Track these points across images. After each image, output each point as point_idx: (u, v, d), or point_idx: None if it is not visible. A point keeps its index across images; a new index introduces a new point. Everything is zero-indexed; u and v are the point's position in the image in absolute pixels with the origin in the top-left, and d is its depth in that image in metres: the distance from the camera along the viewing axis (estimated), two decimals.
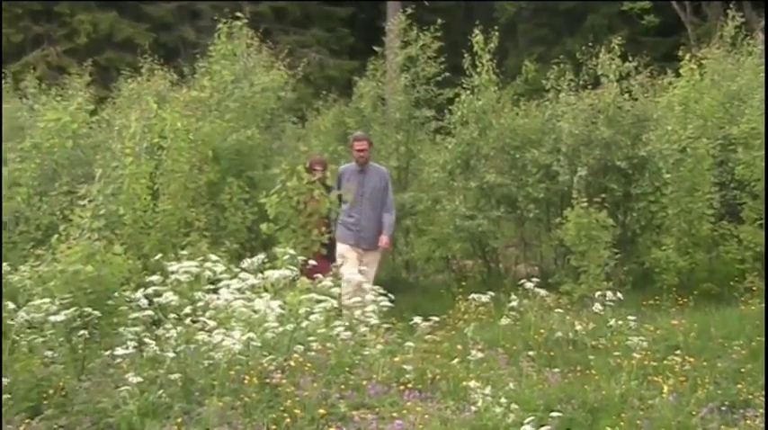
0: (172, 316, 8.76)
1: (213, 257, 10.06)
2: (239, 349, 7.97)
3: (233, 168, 15.58)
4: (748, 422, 7.22)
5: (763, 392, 8.96)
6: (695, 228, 15.06)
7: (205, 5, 35.35)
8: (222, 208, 14.77)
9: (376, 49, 18.99)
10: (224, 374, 7.64)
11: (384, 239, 13.22)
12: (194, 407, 7.25)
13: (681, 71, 17.11)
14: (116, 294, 9.06)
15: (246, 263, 9.77)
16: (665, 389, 7.88)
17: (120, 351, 8.16)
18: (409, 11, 18.36)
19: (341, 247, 13.19)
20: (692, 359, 9.78)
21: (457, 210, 16.00)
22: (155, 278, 9.27)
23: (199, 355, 7.97)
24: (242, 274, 9.38)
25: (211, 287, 9.37)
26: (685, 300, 13.94)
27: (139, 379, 7.45)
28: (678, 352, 9.97)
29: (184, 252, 11.42)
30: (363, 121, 18.01)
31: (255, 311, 8.61)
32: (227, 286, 9.09)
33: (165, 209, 13.39)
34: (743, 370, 9.85)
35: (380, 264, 13.95)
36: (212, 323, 8.47)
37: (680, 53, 17.95)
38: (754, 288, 13.85)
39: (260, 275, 9.42)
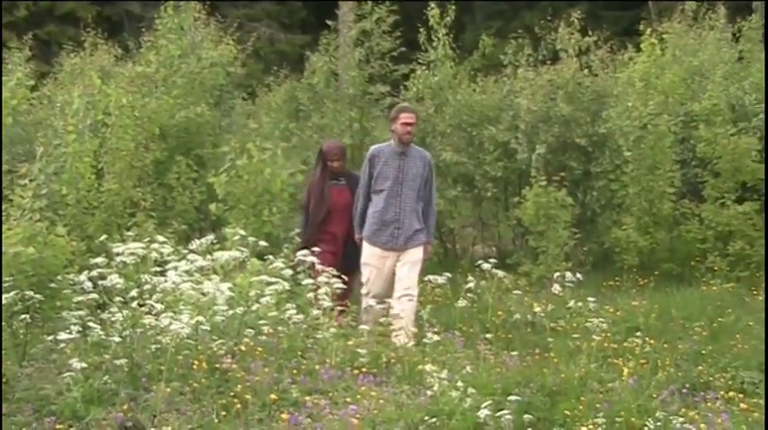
0: (117, 299, 8.68)
1: (160, 238, 9.98)
2: (187, 333, 7.93)
3: (181, 146, 15.53)
4: (708, 404, 7.29)
5: (724, 374, 9.07)
6: (656, 206, 15.16)
7: None
8: (169, 187, 14.72)
9: (329, 23, 18.89)
10: (172, 359, 7.60)
11: (425, 248, 11.07)
12: (141, 393, 7.21)
13: (642, 46, 17.17)
14: (59, 277, 9.01)
15: (195, 244, 9.73)
16: (626, 371, 7.94)
17: (63, 336, 8.09)
18: None
19: (369, 252, 10.89)
20: (652, 341, 9.88)
21: None
22: (99, 260, 9.16)
23: (145, 340, 7.93)
24: (190, 256, 9.33)
25: (158, 269, 9.31)
26: (646, 280, 14.06)
27: (84, 364, 7.39)
28: (638, 333, 10.06)
29: (130, 233, 11.35)
30: (316, 98, 17.94)
31: (204, 294, 8.58)
32: (175, 268, 9.03)
33: (110, 188, 13.32)
34: (704, 351, 9.97)
35: (422, 268, 11.20)
36: (159, 306, 8.41)
37: (641, 27, 18.04)
38: (716, 268, 13.99)
39: (209, 257, 9.39)
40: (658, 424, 6.60)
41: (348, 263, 11.05)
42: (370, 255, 10.86)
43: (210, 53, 16.93)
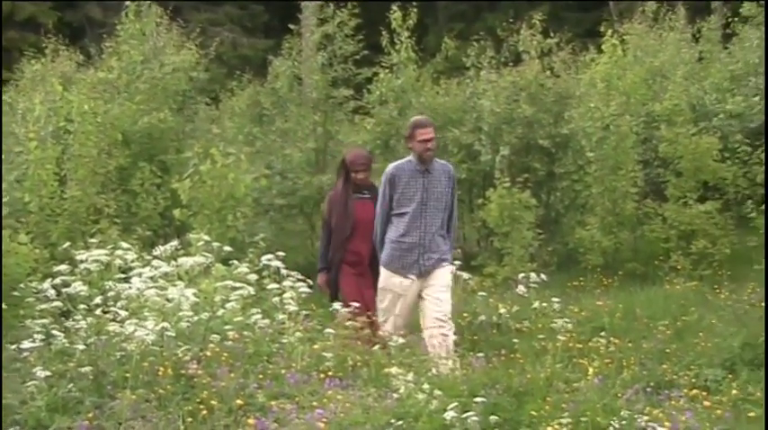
0: (81, 307, 8.66)
1: (124, 245, 9.95)
2: (153, 340, 7.89)
3: (144, 152, 15.48)
4: (673, 402, 7.31)
5: (688, 372, 9.12)
6: (619, 206, 15.24)
7: None
8: (133, 193, 14.67)
9: (291, 27, 18.94)
10: (137, 366, 7.55)
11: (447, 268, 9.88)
12: (106, 400, 7.17)
13: (603, 47, 17.30)
14: (22, 285, 8.95)
15: (159, 250, 9.69)
16: (591, 371, 7.95)
17: (26, 344, 8.02)
18: None
19: (389, 279, 9.79)
20: (617, 340, 9.91)
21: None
22: (63, 268, 9.15)
23: (110, 347, 7.88)
24: (154, 262, 9.29)
25: (123, 276, 9.27)
26: (610, 280, 14.13)
27: (48, 373, 7.33)
28: (603, 333, 10.10)
29: (94, 240, 11.30)
30: (279, 102, 17.97)
31: (169, 300, 8.54)
32: (140, 275, 8.98)
33: (73, 195, 13.27)
34: (668, 350, 10.03)
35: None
36: (124, 313, 8.39)
37: (602, 29, 18.13)
38: (679, 267, 14.07)
39: (173, 263, 9.35)
40: (623, 423, 6.62)
41: (376, 284, 10.02)
42: (390, 281, 9.78)
43: (173, 58, 16.88)
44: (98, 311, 8.50)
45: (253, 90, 19.67)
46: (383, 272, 9.82)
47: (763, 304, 10.87)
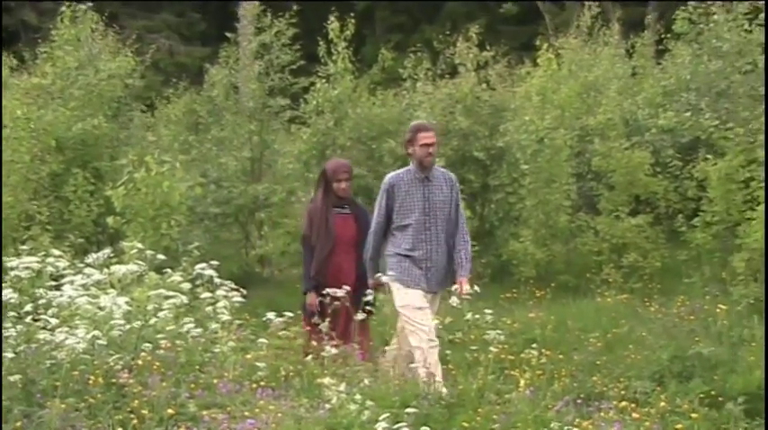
0: (11, 314, 8.56)
1: (56, 252, 9.88)
2: (83, 348, 7.82)
3: (78, 159, 15.38)
4: (602, 414, 7.37)
5: (618, 384, 9.19)
6: (552, 219, 15.36)
7: None
8: (66, 200, 14.56)
9: (228, 35, 18.90)
10: (67, 375, 7.48)
11: (464, 283, 9.15)
12: (35, 409, 7.09)
13: (538, 61, 17.40)
14: None
15: (92, 258, 9.61)
16: (522, 382, 7.99)
17: None
18: None
19: (407, 294, 9.06)
20: (548, 352, 9.95)
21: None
22: None
23: (40, 355, 7.80)
24: (87, 270, 9.22)
25: (54, 283, 9.19)
26: (543, 292, 14.20)
27: None
28: (535, 345, 10.11)
29: (25, 247, 11.21)
30: (215, 110, 17.93)
31: (101, 308, 8.48)
32: (71, 282, 8.91)
33: (5, 201, 13.11)
34: (598, 362, 10.11)
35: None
36: (55, 321, 8.30)
37: (538, 43, 18.25)
38: (610, 280, 14.19)
39: (106, 271, 9.28)
40: None
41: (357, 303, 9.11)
42: (408, 297, 9.06)
43: (108, 65, 16.78)
44: (28, 319, 8.41)
45: (189, 98, 19.64)
46: (399, 289, 9.08)
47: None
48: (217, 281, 9.98)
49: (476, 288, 8.87)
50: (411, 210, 9.08)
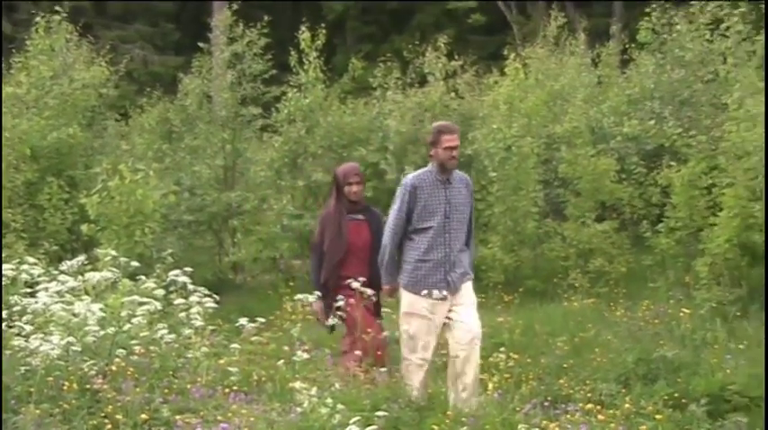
0: None
1: (31, 259, 9.83)
2: (58, 354, 7.79)
3: (52, 167, 15.35)
4: (569, 416, 7.40)
5: (584, 386, 9.23)
6: (520, 225, 15.40)
7: None
8: (41, 208, 14.52)
9: (201, 45, 18.89)
10: (42, 381, 7.46)
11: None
12: (10, 415, 7.06)
13: (506, 70, 17.44)
14: None
15: (66, 265, 9.57)
16: (491, 386, 8.02)
17: None
18: (235, 7, 18.36)
19: (415, 303, 8.71)
20: (516, 356, 9.96)
21: (284, 209, 16.03)
22: None
23: (15, 362, 7.76)
24: (61, 277, 9.17)
25: (29, 290, 9.15)
26: (511, 297, 14.23)
27: None
28: (503, 349, 10.14)
29: None
30: (188, 119, 17.91)
31: (75, 315, 8.44)
32: (46, 289, 8.87)
33: None
34: (565, 365, 10.15)
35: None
36: (29, 328, 8.26)
37: (505, 52, 18.30)
38: (577, 284, 14.22)
39: (80, 278, 9.24)
40: None
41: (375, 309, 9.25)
42: (416, 305, 8.69)
43: (83, 74, 16.75)
44: (3, 326, 8.37)
45: (162, 107, 19.57)
46: (406, 295, 8.80)
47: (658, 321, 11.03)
48: (190, 287, 9.94)
49: (445, 293, 8.82)
50: (433, 213, 8.67)
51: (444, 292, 8.52)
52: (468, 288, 8.80)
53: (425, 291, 8.53)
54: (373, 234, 9.25)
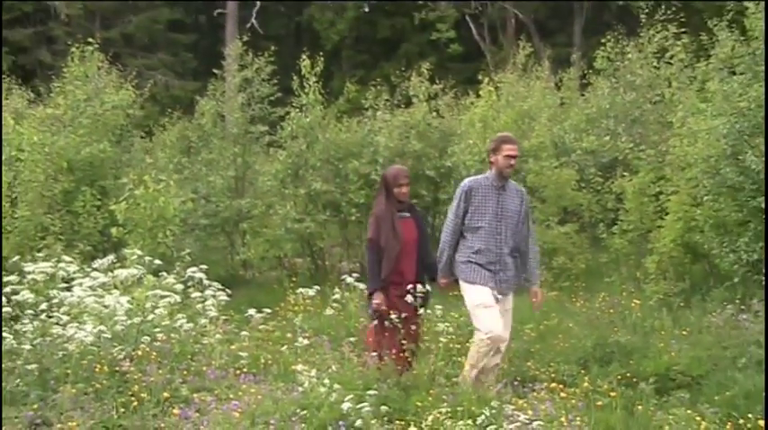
0: (28, 312, 8.53)
1: (67, 258, 9.87)
2: (91, 341, 7.82)
3: (86, 178, 15.31)
4: (535, 394, 7.42)
5: (549, 368, 9.23)
6: None
7: (60, 31, 34.51)
8: (76, 214, 14.48)
9: (216, 71, 18.92)
10: (77, 364, 7.48)
11: (538, 294, 8.73)
12: (49, 394, 7.08)
13: (480, 93, 17.46)
14: None
15: (98, 263, 9.59)
16: (467, 367, 8.01)
17: None
18: (245, 38, 18.41)
19: (477, 291, 8.23)
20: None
21: (288, 214, 15.98)
22: (12, 278, 9.02)
23: (53, 347, 7.78)
24: (93, 273, 9.21)
25: (65, 285, 9.17)
26: None
27: None
28: None
29: (40, 254, 11.16)
30: (204, 136, 17.91)
31: (106, 306, 8.46)
32: (80, 284, 8.90)
33: (23, 215, 13.03)
34: (532, 349, 10.13)
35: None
36: (66, 318, 8.29)
37: (480, 77, 18.32)
38: (542, 279, 14.17)
39: (110, 274, 9.26)
40: (493, 411, 6.69)
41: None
42: (483, 294, 8.21)
43: (112, 97, 16.71)
44: (43, 316, 8.39)
45: (182, 126, 19.58)
46: (470, 288, 8.29)
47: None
48: (205, 282, 9.98)
49: (428, 287, 8.76)
50: (484, 214, 8.30)
51: (492, 285, 8.21)
52: (511, 298, 8.46)
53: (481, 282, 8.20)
54: (419, 230, 8.78)
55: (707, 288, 12.08)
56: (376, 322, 8.47)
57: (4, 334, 8.07)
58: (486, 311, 8.10)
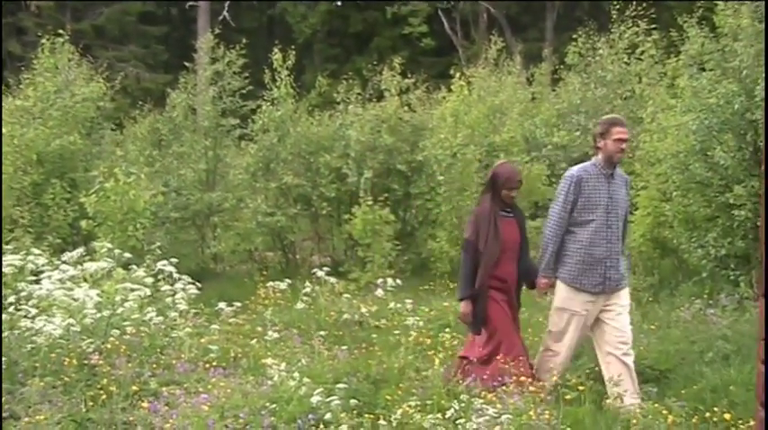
0: None
1: (36, 251, 9.81)
2: (60, 334, 7.79)
3: (56, 170, 15.24)
4: (504, 388, 7.44)
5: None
6: (464, 222, 15.39)
7: (30, 22, 34.26)
8: (46, 206, 14.42)
9: (187, 64, 18.82)
10: (45, 357, 7.45)
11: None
12: (17, 387, 7.04)
13: (452, 87, 17.47)
14: None
15: (67, 256, 9.55)
16: (437, 361, 8.02)
17: None
18: (217, 31, 18.33)
19: (571, 297, 7.78)
20: (460, 335, 10.00)
21: (259, 207, 15.94)
22: None
23: (22, 340, 7.74)
24: (63, 266, 9.17)
25: (34, 278, 9.12)
26: (455, 284, 14.17)
27: None
28: (448, 329, 10.17)
29: (9, 246, 11.08)
30: (175, 129, 17.81)
31: (75, 299, 8.43)
32: (49, 277, 8.86)
33: None
34: None
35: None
36: (35, 311, 8.25)
37: (452, 72, 18.32)
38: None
39: (79, 267, 9.22)
40: (462, 405, 6.71)
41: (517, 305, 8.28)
42: (571, 299, 7.75)
43: (83, 89, 16.61)
44: (11, 309, 8.34)
45: (153, 118, 19.45)
46: (563, 289, 7.81)
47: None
48: (176, 275, 9.95)
49: (398, 281, 8.81)
50: (595, 206, 7.64)
51: (596, 293, 7.70)
52: (626, 293, 7.88)
53: (581, 286, 7.70)
54: (521, 231, 8.17)
55: (676, 283, 12.15)
56: (484, 333, 8.00)
57: None
58: (567, 316, 7.79)
